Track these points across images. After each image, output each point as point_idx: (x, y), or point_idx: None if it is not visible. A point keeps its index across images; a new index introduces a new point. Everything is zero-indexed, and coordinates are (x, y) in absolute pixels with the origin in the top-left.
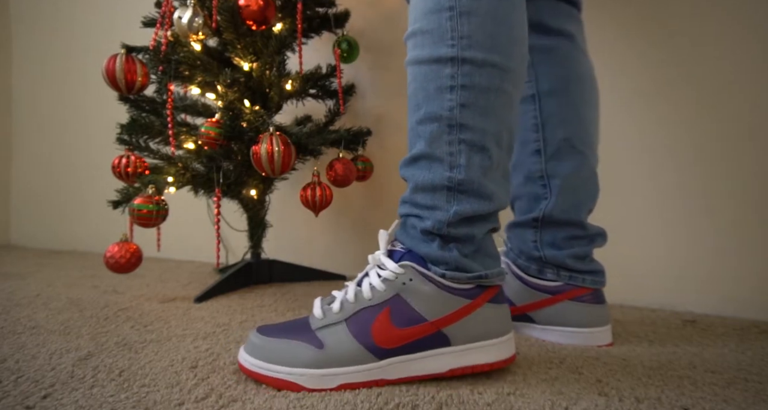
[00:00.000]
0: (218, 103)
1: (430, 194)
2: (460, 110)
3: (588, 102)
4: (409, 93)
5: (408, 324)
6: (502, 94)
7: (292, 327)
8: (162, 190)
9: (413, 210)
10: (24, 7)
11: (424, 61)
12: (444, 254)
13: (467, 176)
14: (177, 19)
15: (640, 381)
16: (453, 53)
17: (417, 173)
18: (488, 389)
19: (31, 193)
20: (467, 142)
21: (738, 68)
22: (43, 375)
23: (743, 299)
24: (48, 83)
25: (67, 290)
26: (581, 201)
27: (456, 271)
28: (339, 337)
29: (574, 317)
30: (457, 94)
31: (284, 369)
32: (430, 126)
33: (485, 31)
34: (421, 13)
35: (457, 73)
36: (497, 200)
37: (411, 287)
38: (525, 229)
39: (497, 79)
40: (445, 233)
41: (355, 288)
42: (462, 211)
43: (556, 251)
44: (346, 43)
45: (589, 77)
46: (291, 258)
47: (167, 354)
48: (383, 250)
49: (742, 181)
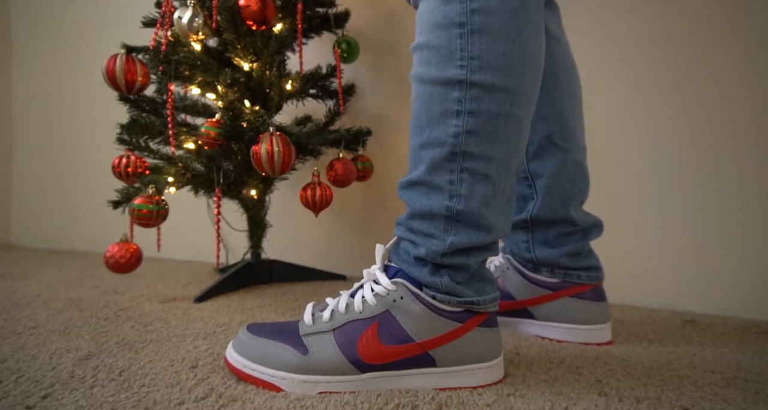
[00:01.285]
0: (218, 103)
1: (427, 222)
2: (466, 137)
3: (565, 93)
4: (413, 111)
5: (395, 342)
6: (512, 120)
7: (282, 329)
8: (162, 190)
9: (408, 235)
10: (24, 7)
11: (430, 81)
12: (435, 279)
13: (467, 206)
14: (177, 19)
15: (640, 381)
16: (462, 76)
17: (415, 198)
18: (488, 389)
19: (31, 193)
20: (470, 170)
21: (741, 66)
22: (43, 375)
23: (743, 299)
24: (48, 83)
25: (67, 290)
26: (569, 197)
27: (447, 295)
28: (324, 346)
29: (575, 313)
30: (464, 121)
31: (267, 370)
32: (432, 151)
33: (497, 51)
34: (429, 26)
35: (464, 97)
36: (496, 231)
37: (401, 305)
38: (516, 231)
39: (507, 105)
40: (439, 262)
41: (348, 299)
42: (458, 242)
43: (549, 250)
44: (346, 43)
45: (564, 66)
46: (291, 258)
47: (167, 354)
48: (379, 265)
49: (742, 181)
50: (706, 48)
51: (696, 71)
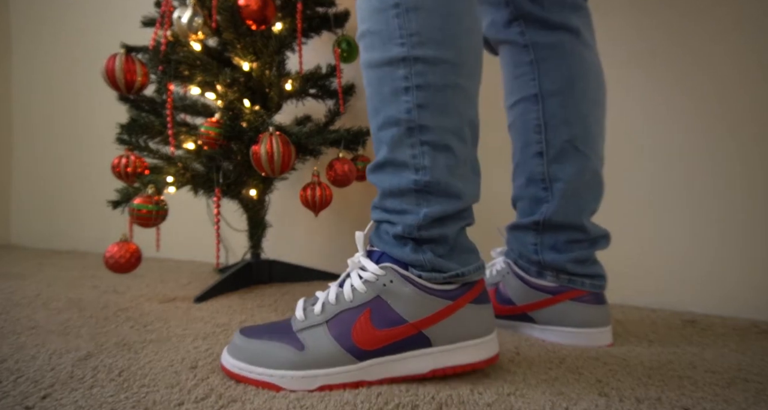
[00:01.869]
0: (218, 103)
1: (398, 199)
2: (418, 111)
3: (593, 101)
4: (367, 98)
5: (388, 326)
6: (459, 90)
7: (275, 328)
8: (162, 190)
9: (384, 216)
10: (24, 7)
11: (376, 64)
12: (418, 257)
13: (433, 177)
14: (177, 19)
15: (641, 381)
16: (404, 53)
17: (384, 179)
18: (488, 389)
19: (31, 193)
20: (429, 143)
21: (746, 68)
22: (42, 375)
23: (743, 299)
24: (48, 83)
25: (67, 290)
26: (583, 204)
27: (432, 272)
28: (319, 339)
29: (575, 317)
30: (413, 96)
31: (264, 370)
32: (390, 131)
33: (434, 26)
34: (368, 12)
35: (410, 73)
36: (466, 196)
37: (391, 288)
38: (526, 232)
39: (452, 76)
40: (417, 236)
41: (337, 290)
42: (432, 213)
43: (556, 254)
44: (345, 43)
45: (595, 74)
46: (291, 258)
47: (167, 354)
48: (362, 252)
49: (743, 181)
50: (707, 47)
51: (696, 71)
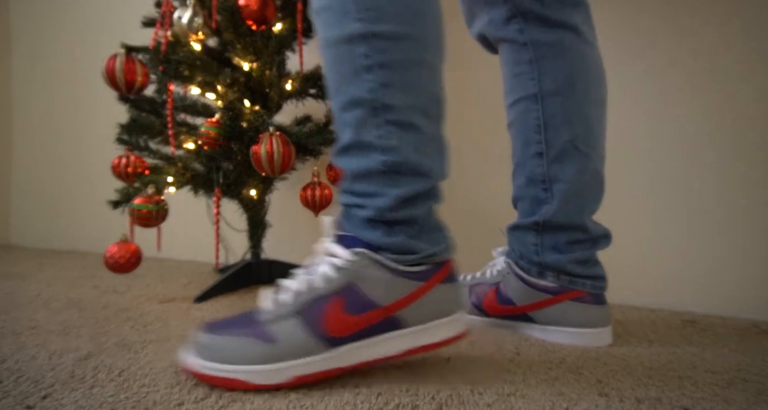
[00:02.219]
0: (218, 103)
1: (367, 181)
2: (382, 90)
3: (594, 100)
4: (327, 78)
5: (361, 311)
6: (425, 66)
7: (239, 321)
8: (162, 190)
9: (353, 199)
10: (24, 7)
11: (334, 42)
12: (390, 239)
13: (401, 156)
14: (177, 19)
15: (641, 382)
16: (362, 29)
17: (351, 162)
18: (488, 389)
19: (31, 193)
20: (395, 122)
21: (743, 65)
22: (43, 375)
23: (743, 299)
24: (48, 83)
25: (67, 290)
26: (584, 204)
27: (404, 254)
28: (290, 329)
29: (575, 317)
30: (376, 74)
31: (229, 367)
32: (354, 112)
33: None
34: None
35: (370, 50)
36: (435, 174)
37: (365, 274)
38: (526, 232)
39: (416, 51)
40: (388, 218)
41: (307, 277)
42: (403, 194)
43: (557, 255)
44: None
45: (596, 72)
46: (291, 258)
47: (167, 354)
48: (331, 237)
49: (743, 180)
50: (707, 47)
51: (697, 70)
